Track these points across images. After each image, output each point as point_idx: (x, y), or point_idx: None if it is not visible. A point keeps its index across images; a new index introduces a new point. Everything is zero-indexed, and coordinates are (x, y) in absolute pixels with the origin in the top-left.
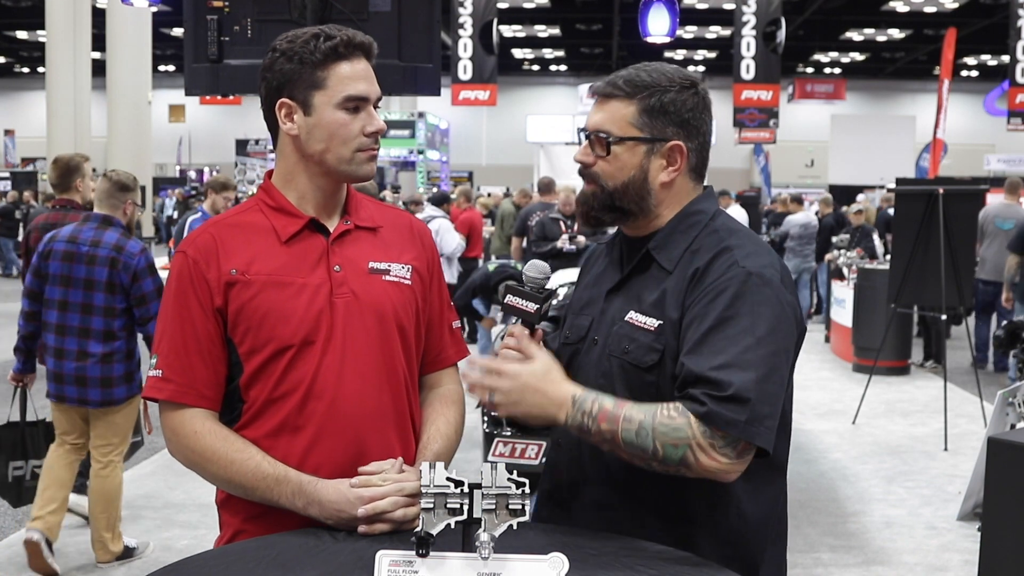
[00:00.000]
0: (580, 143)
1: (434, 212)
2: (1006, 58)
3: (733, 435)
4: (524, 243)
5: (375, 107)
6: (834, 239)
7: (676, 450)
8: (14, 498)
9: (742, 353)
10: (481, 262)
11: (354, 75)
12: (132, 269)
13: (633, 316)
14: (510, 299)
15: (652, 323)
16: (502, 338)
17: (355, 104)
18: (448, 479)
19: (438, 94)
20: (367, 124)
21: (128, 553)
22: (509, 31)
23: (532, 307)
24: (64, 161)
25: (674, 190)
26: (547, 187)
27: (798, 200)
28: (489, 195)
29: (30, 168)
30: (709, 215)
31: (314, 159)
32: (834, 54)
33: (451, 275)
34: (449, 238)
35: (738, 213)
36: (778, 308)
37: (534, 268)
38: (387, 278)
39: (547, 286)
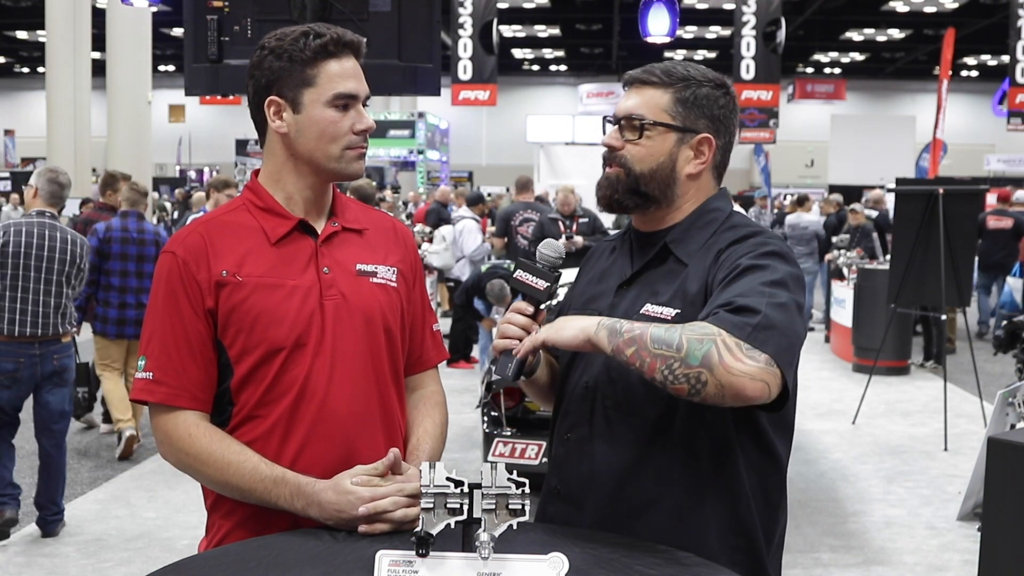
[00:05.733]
0: (604, 131)
1: (465, 213)
2: (1006, 58)
3: (743, 337)
4: (506, 243)
5: (364, 105)
6: (834, 239)
7: (701, 345)
8: (82, 413)
9: (755, 287)
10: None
11: (343, 73)
12: None
13: (649, 308)
14: (520, 274)
15: (669, 312)
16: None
17: (344, 102)
18: (448, 479)
19: (438, 94)
20: (356, 122)
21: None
22: (509, 31)
23: (542, 284)
24: (107, 175)
25: (698, 184)
26: (524, 186)
27: (799, 202)
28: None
29: (30, 168)
30: (726, 213)
31: (303, 157)
32: (834, 54)
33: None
34: (471, 239)
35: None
36: (796, 273)
37: (549, 247)
38: (374, 280)
39: (560, 266)
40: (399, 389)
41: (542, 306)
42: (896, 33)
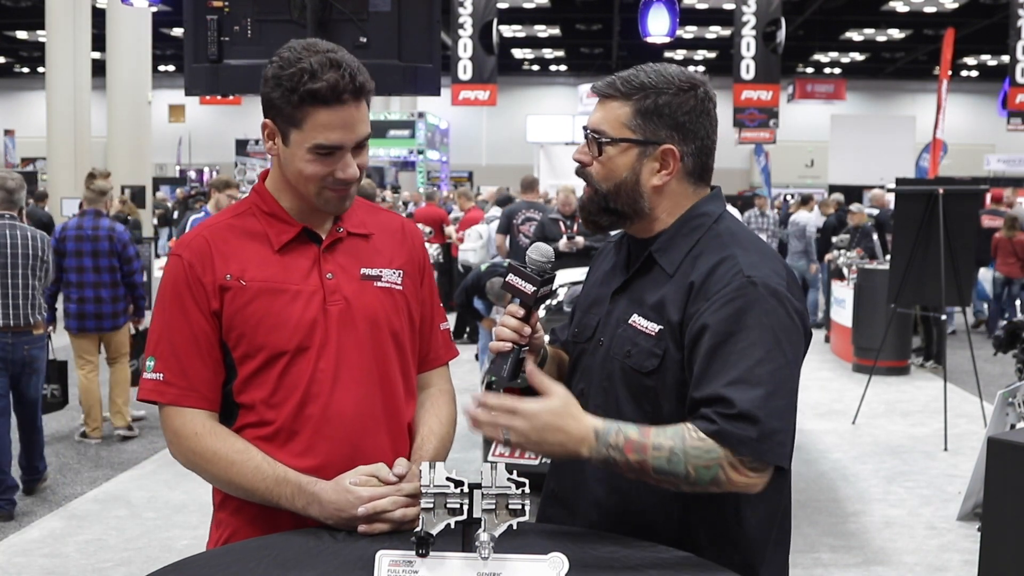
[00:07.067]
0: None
1: (498, 213)
2: (1006, 58)
3: (746, 454)
4: (508, 241)
5: (359, 146)
6: (834, 239)
7: (708, 471)
8: (49, 409)
9: (750, 369)
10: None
11: (330, 124)
12: (122, 242)
13: (636, 320)
14: (511, 278)
15: (653, 328)
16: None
17: (327, 151)
18: (448, 479)
19: (438, 94)
20: (338, 171)
21: (130, 428)
22: (509, 31)
23: (529, 288)
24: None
25: (667, 194)
26: (529, 185)
27: (803, 201)
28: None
29: (30, 168)
30: (713, 218)
31: (291, 184)
32: (834, 54)
33: None
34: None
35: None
36: (785, 319)
37: (537, 251)
38: (379, 284)
39: (549, 270)
40: (408, 390)
41: (533, 309)
42: (896, 33)
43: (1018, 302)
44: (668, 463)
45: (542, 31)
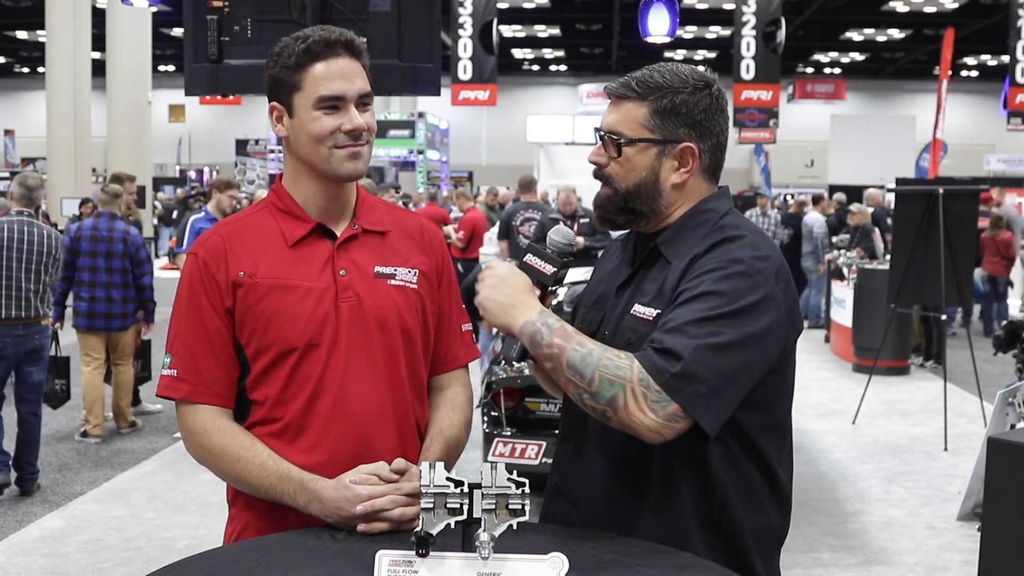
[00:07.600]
0: (596, 143)
1: None
2: (1006, 58)
3: (659, 383)
4: (508, 244)
5: (364, 104)
6: (834, 239)
7: (611, 387)
8: (58, 403)
9: (691, 323)
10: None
11: (327, 75)
12: (135, 245)
13: (637, 308)
14: (529, 258)
15: (651, 313)
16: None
17: (331, 103)
18: (448, 479)
19: (438, 94)
20: (344, 122)
21: (133, 424)
22: (509, 31)
23: (549, 269)
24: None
25: (686, 191)
26: (527, 185)
27: (814, 201)
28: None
29: (30, 168)
30: (720, 214)
31: (303, 161)
32: (834, 54)
33: None
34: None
35: None
36: (755, 296)
37: (559, 233)
38: (392, 282)
39: (570, 253)
40: (417, 389)
41: (549, 290)
42: (896, 33)
43: (1019, 301)
44: (581, 360)
45: (542, 31)
